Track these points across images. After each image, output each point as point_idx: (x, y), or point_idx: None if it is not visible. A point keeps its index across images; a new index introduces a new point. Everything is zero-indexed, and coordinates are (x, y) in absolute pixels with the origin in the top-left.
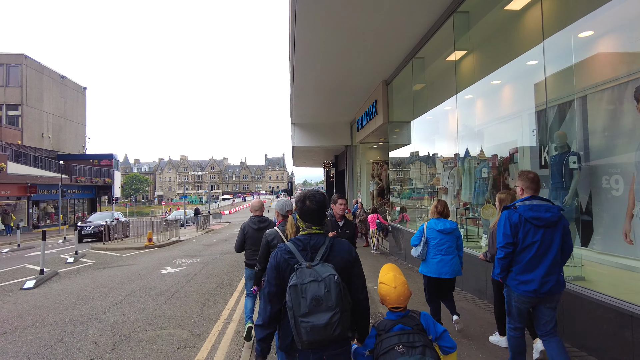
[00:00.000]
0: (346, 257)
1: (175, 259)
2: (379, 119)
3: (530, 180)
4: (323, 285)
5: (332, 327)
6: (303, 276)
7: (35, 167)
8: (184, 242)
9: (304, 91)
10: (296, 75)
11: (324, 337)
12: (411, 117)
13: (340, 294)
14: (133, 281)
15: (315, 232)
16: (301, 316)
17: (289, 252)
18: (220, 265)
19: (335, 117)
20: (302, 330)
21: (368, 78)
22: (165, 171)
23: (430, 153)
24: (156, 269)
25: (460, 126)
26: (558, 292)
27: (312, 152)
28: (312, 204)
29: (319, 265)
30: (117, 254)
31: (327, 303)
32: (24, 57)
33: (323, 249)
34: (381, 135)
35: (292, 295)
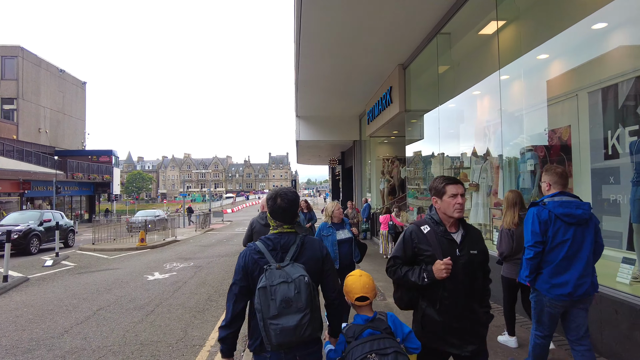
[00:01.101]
0: (317, 255)
1: (166, 262)
2: (394, 107)
3: (558, 175)
4: (293, 287)
5: (302, 328)
6: (272, 277)
7: (29, 162)
8: (180, 242)
9: (311, 78)
10: (302, 58)
11: (293, 339)
12: (432, 104)
13: (311, 295)
14: (111, 290)
15: (286, 231)
16: (270, 318)
17: (258, 252)
18: (215, 271)
19: (343, 110)
20: (271, 332)
21: (382, 61)
22: (168, 169)
23: (456, 145)
24: (142, 274)
25: (495, 112)
26: (592, 293)
27: (318, 148)
28: (284, 202)
29: (289, 266)
30: (105, 255)
31: (297, 304)
32: (20, 49)
33: (293, 248)
34: (394, 128)
35: (261, 298)
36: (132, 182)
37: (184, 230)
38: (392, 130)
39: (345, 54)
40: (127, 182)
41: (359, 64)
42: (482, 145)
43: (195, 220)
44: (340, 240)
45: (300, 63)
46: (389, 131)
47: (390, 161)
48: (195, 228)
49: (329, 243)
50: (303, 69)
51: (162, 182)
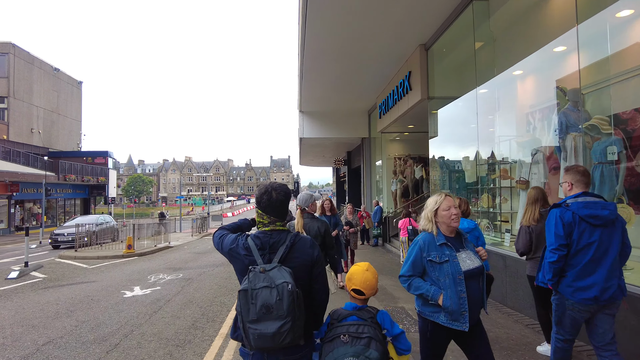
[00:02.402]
0: (307, 258)
1: (152, 273)
2: (413, 95)
3: (581, 173)
4: (275, 293)
5: (281, 336)
6: (256, 280)
7: (17, 162)
8: (173, 249)
9: (317, 63)
10: (308, 37)
11: (271, 346)
12: (460, 89)
13: (293, 303)
14: (74, 313)
15: (277, 229)
16: (249, 322)
17: (246, 248)
18: (206, 285)
19: (352, 103)
20: (250, 336)
21: (400, 42)
22: (169, 172)
23: (489, 136)
24: (119, 289)
25: (550, 91)
26: (620, 298)
27: (323, 147)
28: (280, 196)
29: (275, 270)
30: (85, 264)
31: (277, 312)
32: (11, 46)
33: (283, 248)
34: (410, 121)
35: (241, 300)
36: (133, 185)
37: (180, 235)
38: (406, 124)
39: (357, 34)
40: (127, 185)
41: (372, 45)
42: (529, 135)
43: (193, 225)
44: (468, 274)
45: (305, 44)
46: (403, 126)
47: (403, 160)
48: (191, 233)
49: (448, 279)
50: (309, 51)
51: (162, 186)
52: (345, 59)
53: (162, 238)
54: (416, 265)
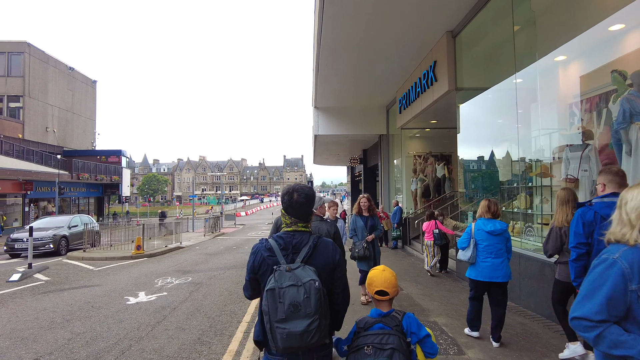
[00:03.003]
0: (330, 259)
1: (159, 276)
2: (440, 87)
3: (614, 173)
4: (303, 291)
5: (310, 335)
6: (282, 279)
7: (31, 161)
8: (184, 249)
9: (334, 54)
10: (326, 24)
11: (300, 345)
12: (491, 79)
13: (320, 300)
14: (71, 322)
15: (300, 230)
16: (277, 322)
17: (269, 249)
18: (216, 290)
19: (369, 98)
20: (277, 336)
21: (424, 30)
22: (183, 172)
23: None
24: (123, 294)
25: (603, 76)
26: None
27: (338, 145)
28: (301, 198)
29: (300, 269)
30: (91, 266)
31: (305, 310)
32: (26, 45)
33: (305, 249)
34: (433, 116)
35: (268, 300)
36: (148, 184)
37: (192, 235)
38: (429, 119)
39: (377, 21)
40: (142, 184)
41: (393, 33)
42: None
43: (205, 224)
44: None
45: (322, 33)
46: (425, 121)
47: (423, 158)
48: (204, 233)
49: None
50: (325, 41)
51: (177, 185)
52: (364, 49)
53: (174, 238)
54: (615, 304)
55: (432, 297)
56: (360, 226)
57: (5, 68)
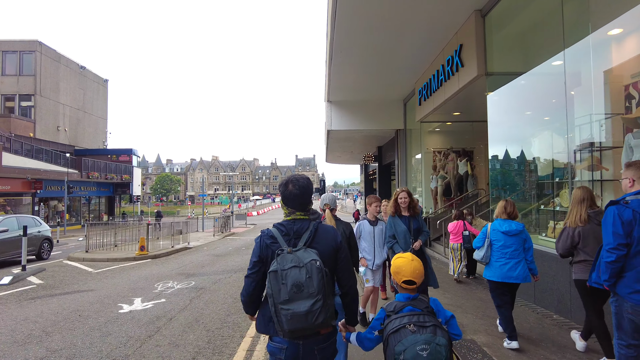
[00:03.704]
0: (331, 242)
1: (160, 280)
2: (467, 72)
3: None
4: (304, 271)
5: (314, 315)
6: (284, 262)
7: (40, 160)
8: (192, 250)
9: (348, 42)
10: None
11: (305, 326)
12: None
13: (323, 280)
14: (51, 334)
15: (299, 218)
16: (281, 303)
17: (271, 236)
18: (219, 297)
19: (385, 91)
20: (282, 318)
21: (448, 9)
22: (196, 171)
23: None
24: (118, 301)
25: None
26: None
27: (352, 142)
28: (295, 189)
29: (301, 251)
30: (91, 268)
31: (308, 290)
32: (38, 44)
33: (307, 234)
34: (457, 107)
35: (272, 282)
36: (161, 184)
37: (201, 234)
38: (451, 111)
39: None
40: (155, 184)
41: (414, 15)
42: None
43: (215, 224)
44: None
45: (337, 12)
46: (447, 114)
47: (443, 154)
48: (213, 232)
49: None
50: (340, 25)
51: (190, 185)
52: (381, 32)
53: (181, 238)
54: None
55: (464, 308)
56: (402, 230)
57: (17, 67)
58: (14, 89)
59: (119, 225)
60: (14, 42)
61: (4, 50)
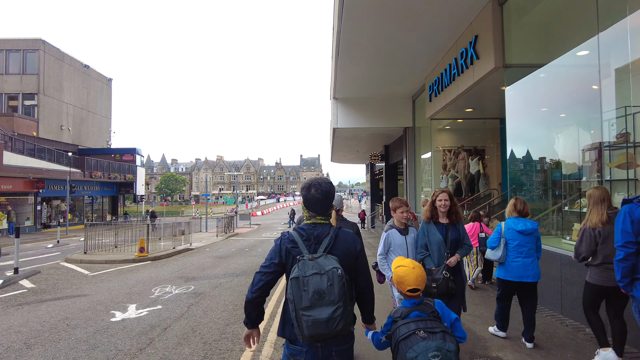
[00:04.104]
0: (351, 249)
1: (159, 284)
2: (483, 65)
3: None
4: (326, 279)
5: (335, 322)
6: (305, 268)
7: (42, 159)
8: (193, 251)
9: (356, 35)
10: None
11: (325, 332)
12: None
13: (344, 287)
14: (33, 347)
15: (319, 222)
16: (302, 309)
17: (292, 241)
18: (219, 304)
19: (394, 88)
20: (303, 324)
21: None
22: (201, 171)
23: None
24: (111, 308)
25: None
26: None
27: (358, 140)
28: (318, 193)
29: (322, 258)
30: (87, 270)
31: (329, 297)
32: (41, 42)
33: (327, 240)
34: (469, 104)
35: (293, 288)
36: (166, 184)
37: (204, 235)
38: (463, 108)
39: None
40: (160, 183)
41: (427, 4)
42: None
43: (218, 224)
44: None
45: (345, 3)
46: (459, 110)
47: (454, 152)
48: (216, 233)
49: None
50: (349, 11)
51: (195, 184)
52: (391, 25)
53: (183, 239)
54: None
55: (484, 319)
56: (436, 241)
57: (20, 66)
58: (17, 88)
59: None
60: (17, 40)
61: (8, 49)
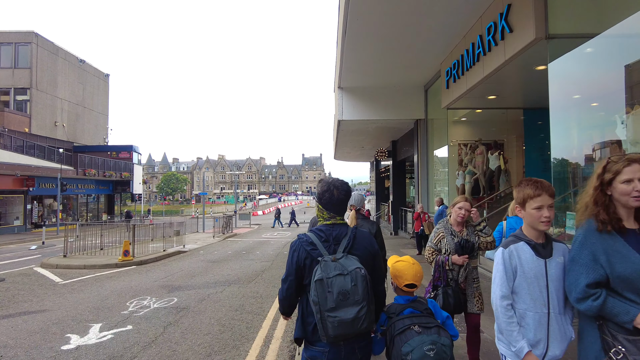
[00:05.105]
0: (369, 248)
1: (138, 295)
2: (518, 38)
3: None
4: (349, 279)
5: (360, 321)
6: (328, 270)
7: (32, 155)
8: (186, 254)
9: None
10: None
11: (350, 332)
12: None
13: (367, 287)
14: None
15: (339, 223)
16: (328, 311)
17: (310, 243)
18: (204, 322)
19: (404, 75)
20: (328, 325)
21: None
22: (202, 170)
23: None
24: (68, 329)
25: None
26: None
27: (364, 135)
28: (341, 194)
29: (344, 258)
30: (59, 278)
31: (354, 297)
32: (34, 35)
33: (345, 240)
34: (492, 90)
35: (318, 290)
36: (167, 183)
37: (200, 236)
38: (486, 94)
39: None
40: (161, 182)
41: None
42: None
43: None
44: None
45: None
46: (480, 98)
47: (470, 147)
48: (213, 234)
49: None
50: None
51: (196, 184)
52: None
53: (175, 240)
54: None
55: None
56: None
57: (12, 59)
58: (9, 82)
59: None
60: (8, 33)
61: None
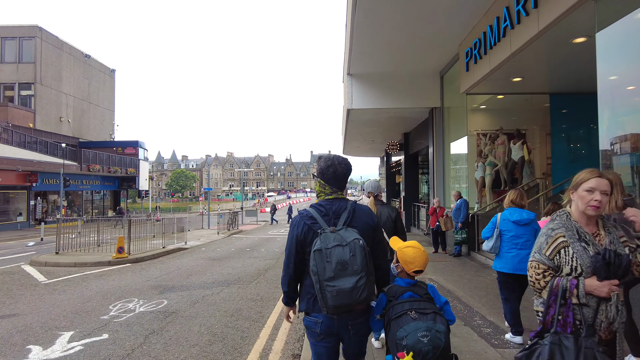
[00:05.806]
0: (369, 223)
1: (123, 296)
2: (555, 4)
3: None
4: (348, 250)
5: (358, 291)
6: (327, 241)
7: (34, 150)
8: (186, 251)
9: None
10: None
11: (349, 302)
12: None
13: (366, 258)
14: None
15: (339, 197)
16: (326, 280)
17: (311, 217)
18: (193, 330)
19: (419, 60)
20: (327, 294)
21: None
22: (211, 168)
23: None
24: (32, 339)
25: None
26: None
27: (374, 126)
28: (343, 169)
29: (343, 230)
30: (46, 277)
31: (352, 267)
32: (38, 29)
33: (345, 214)
34: (519, 71)
35: (316, 260)
36: (176, 180)
37: (204, 232)
38: (512, 75)
39: None
40: (171, 180)
41: None
42: None
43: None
44: None
45: None
46: (504, 81)
47: (489, 137)
48: (217, 231)
49: None
50: None
51: (205, 181)
52: None
53: (177, 237)
54: None
55: None
56: None
57: (16, 54)
58: (13, 77)
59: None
60: (12, 27)
61: (3, 37)
